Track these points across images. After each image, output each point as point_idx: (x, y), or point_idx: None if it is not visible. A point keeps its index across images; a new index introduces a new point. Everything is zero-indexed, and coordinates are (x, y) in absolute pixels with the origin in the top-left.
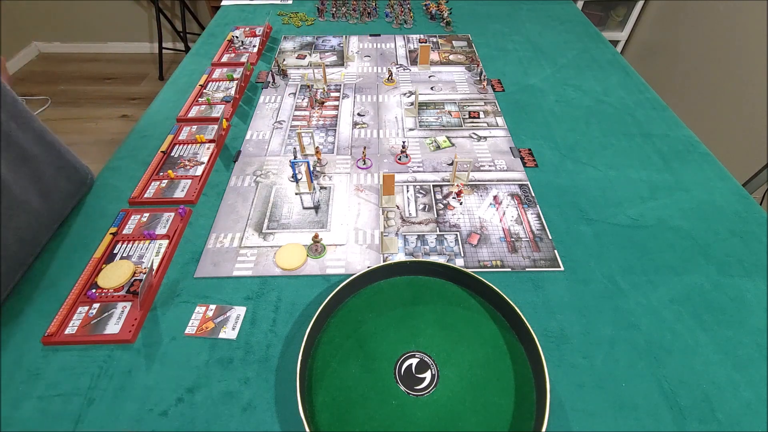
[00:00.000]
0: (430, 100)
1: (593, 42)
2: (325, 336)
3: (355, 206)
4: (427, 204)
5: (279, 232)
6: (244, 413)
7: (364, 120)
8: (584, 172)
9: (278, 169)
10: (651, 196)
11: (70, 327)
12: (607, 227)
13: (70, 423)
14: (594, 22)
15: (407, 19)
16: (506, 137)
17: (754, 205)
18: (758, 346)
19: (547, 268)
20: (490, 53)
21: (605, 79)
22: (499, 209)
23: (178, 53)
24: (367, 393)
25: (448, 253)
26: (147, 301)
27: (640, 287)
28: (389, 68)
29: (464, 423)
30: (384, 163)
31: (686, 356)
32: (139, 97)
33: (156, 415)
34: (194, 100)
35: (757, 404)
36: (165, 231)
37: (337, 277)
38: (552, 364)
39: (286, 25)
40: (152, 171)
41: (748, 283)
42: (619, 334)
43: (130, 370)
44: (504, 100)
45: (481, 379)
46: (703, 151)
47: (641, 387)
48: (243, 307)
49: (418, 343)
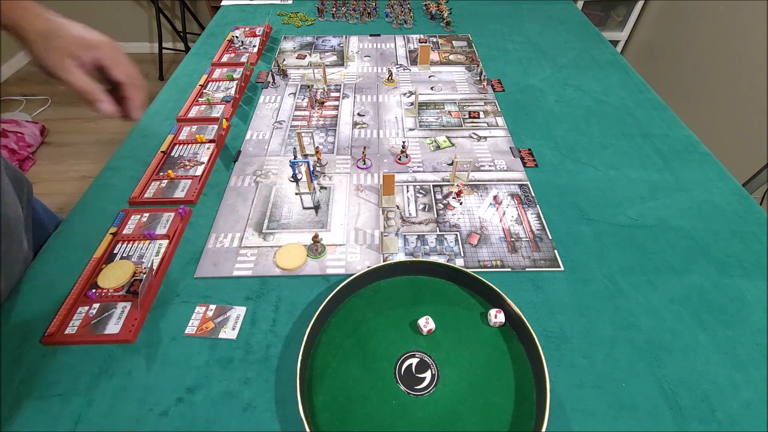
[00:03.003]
0: (430, 100)
1: (593, 42)
2: (325, 336)
3: (355, 206)
4: (427, 204)
5: (279, 232)
6: (244, 413)
7: (364, 120)
8: (584, 172)
9: (278, 169)
10: (651, 196)
11: (70, 327)
12: (607, 227)
13: (70, 423)
14: (594, 22)
15: (407, 19)
16: (506, 137)
17: (754, 205)
18: (758, 346)
19: (547, 268)
20: (490, 53)
21: (605, 79)
22: (499, 209)
23: (178, 53)
24: (367, 393)
25: (448, 253)
26: (147, 301)
27: (640, 287)
28: (389, 68)
29: (464, 423)
30: (384, 163)
31: (686, 356)
32: None
33: (156, 415)
34: (194, 100)
35: (757, 404)
36: (165, 231)
37: (337, 277)
38: (552, 364)
39: (286, 25)
40: (152, 171)
41: (748, 283)
42: (619, 334)
43: (130, 370)
44: (504, 100)
45: (481, 379)
46: (703, 151)
47: (641, 387)
48: (243, 307)
49: (418, 343)
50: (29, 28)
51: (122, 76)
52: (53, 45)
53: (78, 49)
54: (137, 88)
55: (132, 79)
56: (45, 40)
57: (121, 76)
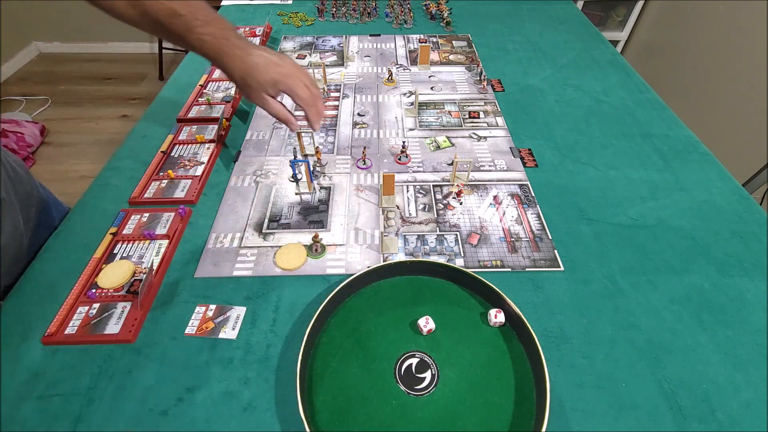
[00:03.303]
0: (430, 100)
1: (593, 42)
2: (325, 336)
3: (355, 206)
4: (427, 204)
5: (279, 232)
6: (244, 413)
7: (364, 120)
8: (584, 172)
9: (278, 169)
10: (651, 196)
11: (70, 327)
12: (607, 227)
13: (70, 423)
14: (594, 22)
15: (407, 19)
16: (506, 137)
17: (754, 205)
18: (758, 346)
19: (547, 268)
20: (490, 53)
21: (605, 79)
22: (499, 209)
23: (178, 53)
24: (367, 393)
25: (448, 253)
26: (147, 301)
27: (640, 287)
28: (389, 68)
29: (464, 423)
30: (384, 163)
31: (686, 356)
32: (139, 97)
33: (156, 415)
34: (194, 100)
35: (757, 404)
36: (165, 231)
37: (337, 277)
38: (552, 364)
39: (286, 25)
40: (152, 171)
41: (748, 283)
42: (619, 334)
43: (130, 370)
44: (504, 100)
45: (481, 379)
46: (703, 151)
47: (641, 387)
48: (243, 307)
49: (418, 343)
50: (232, 73)
51: (299, 102)
52: (250, 85)
53: (268, 87)
54: (310, 108)
55: (305, 102)
56: (244, 82)
57: (299, 101)
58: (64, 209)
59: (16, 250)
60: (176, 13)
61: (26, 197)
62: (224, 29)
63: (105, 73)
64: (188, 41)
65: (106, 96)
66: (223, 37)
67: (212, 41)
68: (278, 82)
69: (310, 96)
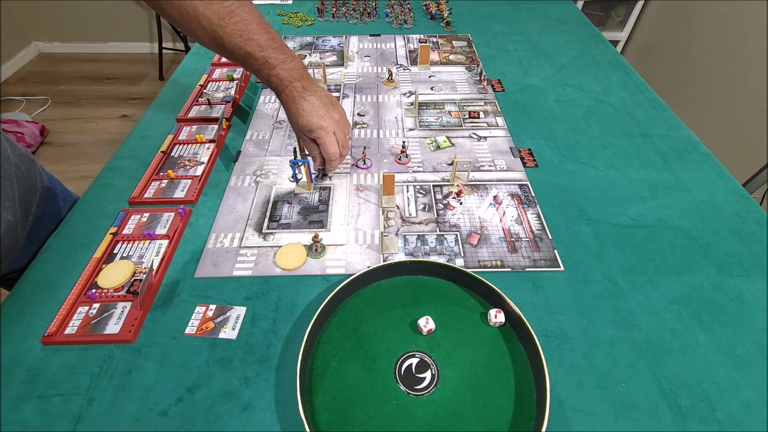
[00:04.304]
0: (430, 100)
1: (593, 42)
2: (325, 336)
3: (355, 206)
4: (427, 204)
5: (279, 232)
6: (244, 413)
7: (364, 120)
8: (584, 172)
9: (278, 169)
10: (651, 196)
11: (70, 327)
12: (607, 227)
13: (70, 423)
14: (594, 22)
15: (407, 19)
16: (506, 137)
17: (754, 205)
18: (758, 346)
19: (547, 268)
20: (490, 53)
21: (605, 79)
22: (499, 209)
23: (178, 53)
24: (367, 393)
25: (448, 253)
26: (147, 301)
27: (640, 287)
28: (389, 68)
29: (464, 423)
30: (384, 163)
31: (686, 356)
32: (139, 97)
33: (156, 415)
34: (194, 100)
35: (757, 404)
36: (165, 231)
37: (337, 277)
38: (552, 364)
39: (286, 25)
40: (152, 171)
41: (748, 283)
42: (619, 334)
43: (130, 370)
44: (504, 100)
45: (481, 379)
46: (703, 151)
47: (641, 387)
48: (243, 307)
49: (418, 343)
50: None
51: (324, 155)
52: (291, 125)
53: (303, 132)
54: (331, 163)
55: (329, 157)
56: (289, 120)
57: (324, 154)
58: (72, 198)
59: (9, 241)
60: (252, 56)
61: (27, 190)
62: (291, 70)
63: (105, 73)
64: (258, 75)
65: (106, 96)
66: (288, 78)
67: (278, 83)
68: (312, 132)
69: (336, 153)
